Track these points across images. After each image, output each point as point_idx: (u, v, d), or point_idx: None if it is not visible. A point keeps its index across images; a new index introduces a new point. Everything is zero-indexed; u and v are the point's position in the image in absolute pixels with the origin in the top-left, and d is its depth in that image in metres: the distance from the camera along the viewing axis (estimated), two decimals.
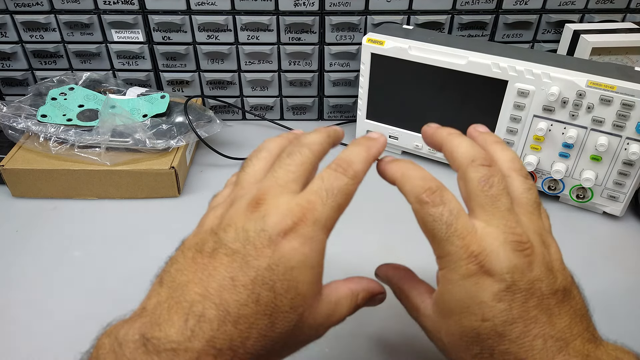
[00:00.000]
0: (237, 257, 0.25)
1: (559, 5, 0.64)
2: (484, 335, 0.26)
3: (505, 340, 0.26)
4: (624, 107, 0.49)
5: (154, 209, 0.57)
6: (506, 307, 0.26)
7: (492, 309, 0.26)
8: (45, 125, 0.57)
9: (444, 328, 0.29)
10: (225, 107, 0.73)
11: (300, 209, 0.27)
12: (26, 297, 0.46)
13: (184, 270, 0.27)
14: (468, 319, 0.27)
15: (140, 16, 0.65)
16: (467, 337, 0.27)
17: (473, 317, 0.27)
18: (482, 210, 0.28)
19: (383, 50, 0.58)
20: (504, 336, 0.26)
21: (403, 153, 0.66)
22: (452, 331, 0.28)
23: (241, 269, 0.25)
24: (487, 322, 0.26)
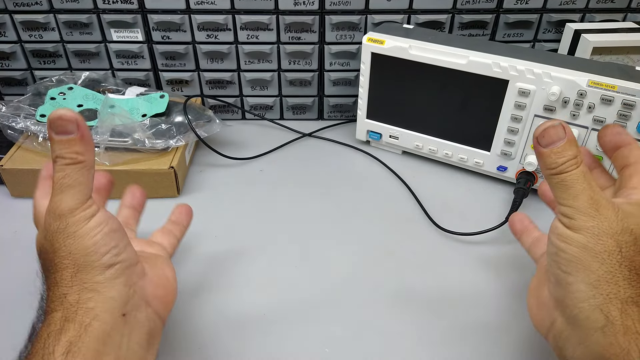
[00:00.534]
0: None
1: (559, 4, 0.64)
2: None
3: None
4: (625, 107, 0.49)
5: (153, 209, 0.57)
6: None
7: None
8: (44, 125, 0.57)
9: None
10: (225, 107, 0.73)
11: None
12: (26, 298, 0.46)
13: None
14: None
15: (139, 15, 0.64)
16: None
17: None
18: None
19: (383, 50, 0.58)
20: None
21: (403, 153, 0.66)
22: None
23: None
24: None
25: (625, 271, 0.30)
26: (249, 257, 0.51)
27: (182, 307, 0.45)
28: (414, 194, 0.59)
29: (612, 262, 0.30)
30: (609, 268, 0.30)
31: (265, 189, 0.60)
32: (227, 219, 0.55)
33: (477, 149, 0.59)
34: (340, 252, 0.51)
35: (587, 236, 0.31)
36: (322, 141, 0.69)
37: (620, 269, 0.30)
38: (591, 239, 0.31)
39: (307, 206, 0.58)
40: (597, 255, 0.30)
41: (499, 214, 0.55)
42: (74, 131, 0.30)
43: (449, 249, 0.51)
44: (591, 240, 0.31)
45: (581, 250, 0.31)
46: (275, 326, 0.44)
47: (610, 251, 0.30)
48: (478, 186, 0.61)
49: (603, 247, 0.30)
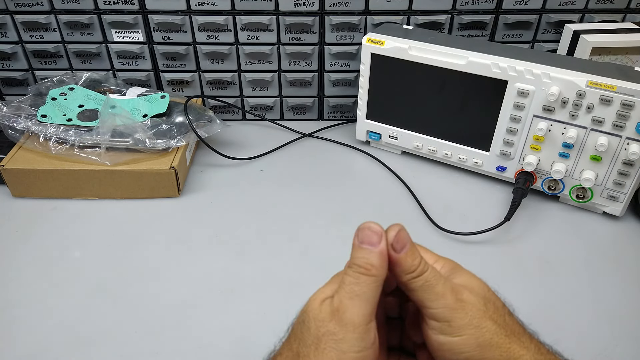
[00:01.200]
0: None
1: (558, 5, 0.64)
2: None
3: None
4: (623, 107, 0.49)
5: (154, 209, 0.57)
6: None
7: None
8: (45, 125, 0.57)
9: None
10: (225, 107, 0.73)
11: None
12: (26, 297, 0.46)
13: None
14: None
15: (140, 16, 0.65)
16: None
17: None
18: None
19: (383, 51, 0.58)
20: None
21: (403, 153, 0.66)
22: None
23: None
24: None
25: (510, 337, 0.30)
26: (249, 257, 0.51)
27: (182, 306, 0.45)
28: (413, 194, 0.59)
29: (501, 339, 0.30)
30: (504, 348, 0.30)
31: (265, 189, 0.61)
32: (227, 219, 0.56)
33: (476, 149, 0.59)
34: (341, 251, 0.51)
35: (473, 331, 0.30)
36: (322, 141, 0.69)
37: (511, 340, 0.30)
38: (477, 332, 0.30)
39: (307, 206, 0.58)
40: (490, 343, 0.30)
41: (498, 214, 0.55)
42: (376, 244, 0.31)
43: (448, 249, 0.52)
44: (477, 334, 0.30)
45: (477, 350, 0.30)
46: (276, 326, 0.44)
47: (493, 330, 0.30)
48: (477, 186, 0.61)
49: (489, 333, 0.30)
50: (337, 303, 0.30)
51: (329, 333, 0.29)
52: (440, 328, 0.31)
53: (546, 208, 0.58)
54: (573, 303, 0.47)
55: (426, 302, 0.31)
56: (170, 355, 0.41)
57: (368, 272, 0.30)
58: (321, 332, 0.29)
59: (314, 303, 0.30)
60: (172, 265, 0.50)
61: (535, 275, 0.49)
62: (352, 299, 0.29)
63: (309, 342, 0.29)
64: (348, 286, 0.30)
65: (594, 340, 0.43)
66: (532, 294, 0.47)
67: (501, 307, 0.32)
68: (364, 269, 0.30)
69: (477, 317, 0.30)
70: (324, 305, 0.30)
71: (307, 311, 0.30)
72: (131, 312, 0.45)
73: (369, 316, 0.29)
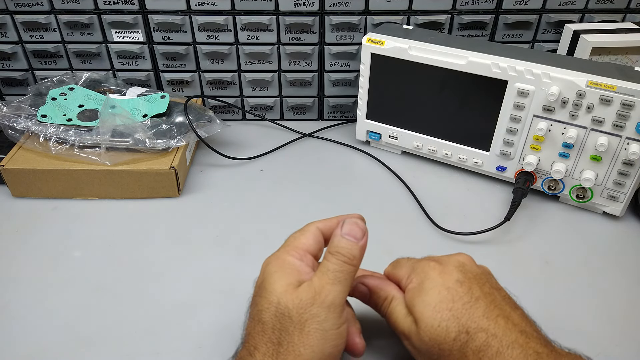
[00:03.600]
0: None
1: (558, 5, 0.64)
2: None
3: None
4: (623, 107, 0.49)
5: (154, 209, 0.57)
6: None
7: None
8: (45, 125, 0.57)
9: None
10: (225, 107, 0.73)
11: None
12: (26, 297, 0.46)
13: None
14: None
15: (140, 16, 0.65)
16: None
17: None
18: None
19: (383, 51, 0.58)
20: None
21: (403, 153, 0.66)
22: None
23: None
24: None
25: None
26: (249, 257, 0.51)
27: (182, 306, 0.45)
28: (413, 194, 0.59)
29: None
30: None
31: (265, 189, 0.61)
32: (227, 219, 0.56)
33: (476, 149, 0.59)
34: None
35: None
36: (322, 141, 0.69)
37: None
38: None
39: (307, 206, 0.58)
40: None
41: (498, 214, 0.55)
42: (360, 239, 0.34)
43: (448, 249, 0.52)
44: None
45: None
46: None
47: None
48: (477, 186, 0.61)
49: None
50: (319, 288, 0.32)
51: (313, 316, 0.32)
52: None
53: (546, 208, 0.58)
54: (573, 303, 0.47)
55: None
56: (170, 355, 0.41)
57: (350, 262, 0.34)
58: (304, 317, 0.32)
59: (285, 295, 0.32)
60: (172, 265, 0.50)
61: (535, 275, 0.49)
62: (335, 284, 0.33)
63: (292, 329, 0.31)
64: (332, 273, 0.33)
65: (594, 340, 0.43)
66: (532, 294, 0.47)
67: (448, 347, 0.33)
68: (348, 258, 0.34)
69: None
70: (301, 292, 0.32)
71: (282, 303, 0.32)
72: (131, 312, 0.45)
73: (345, 297, 0.34)
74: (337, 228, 0.35)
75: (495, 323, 0.32)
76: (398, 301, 0.37)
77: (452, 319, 0.33)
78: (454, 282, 0.34)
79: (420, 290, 0.35)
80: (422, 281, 0.36)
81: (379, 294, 0.38)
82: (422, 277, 0.36)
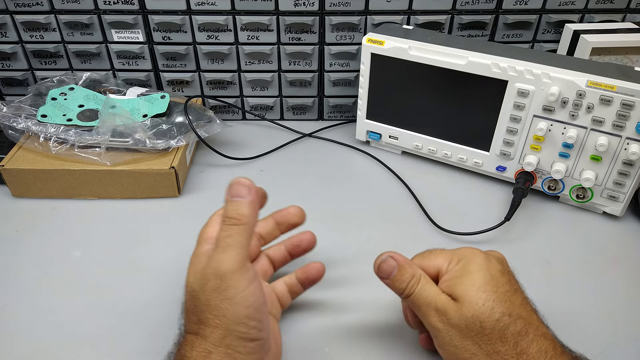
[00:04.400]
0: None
1: (558, 5, 0.64)
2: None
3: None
4: (623, 107, 0.49)
5: (154, 209, 0.57)
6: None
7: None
8: (45, 125, 0.57)
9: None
10: (225, 107, 0.73)
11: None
12: (26, 297, 0.46)
13: None
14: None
15: (140, 16, 0.65)
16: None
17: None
18: None
19: (383, 50, 0.58)
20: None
21: (403, 153, 0.66)
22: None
23: None
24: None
25: (491, 355, 0.33)
26: None
27: None
28: (413, 194, 0.59)
29: (479, 358, 0.33)
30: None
31: (265, 189, 0.60)
32: None
33: (476, 149, 0.59)
34: (340, 251, 0.51)
35: (452, 349, 0.34)
36: (322, 141, 0.69)
37: (488, 357, 0.33)
38: (456, 351, 0.34)
39: (307, 206, 0.57)
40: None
41: (498, 214, 0.55)
42: (246, 195, 0.34)
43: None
44: (457, 352, 0.34)
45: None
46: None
47: (473, 351, 0.34)
48: (477, 186, 0.61)
49: (468, 353, 0.34)
50: (212, 260, 0.33)
51: (214, 289, 0.32)
52: (432, 338, 0.36)
53: (546, 208, 0.58)
54: (573, 303, 0.47)
55: (418, 316, 0.37)
56: None
57: (239, 221, 0.34)
58: (207, 292, 0.32)
59: (192, 278, 0.34)
60: (172, 265, 0.50)
61: (535, 275, 0.49)
62: (226, 250, 0.33)
63: (202, 307, 0.33)
64: (221, 241, 0.33)
65: (594, 340, 0.43)
66: (532, 294, 0.47)
67: (490, 326, 0.33)
68: (235, 219, 0.34)
69: (457, 338, 0.34)
70: (202, 271, 0.34)
71: (190, 286, 0.34)
72: (131, 312, 0.45)
73: (243, 260, 0.33)
74: (225, 195, 0.35)
75: (530, 315, 0.35)
76: (427, 279, 0.37)
77: (497, 301, 0.34)
78: (497, 271, 0.36)
79: (465, 272, 0.36)
80: (467, 264, 0.36)
81: (408, 270, 0.37)
82: (467, 260, 0.37)
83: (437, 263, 0.38)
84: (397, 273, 0.37)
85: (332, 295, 0.47)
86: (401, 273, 0.37)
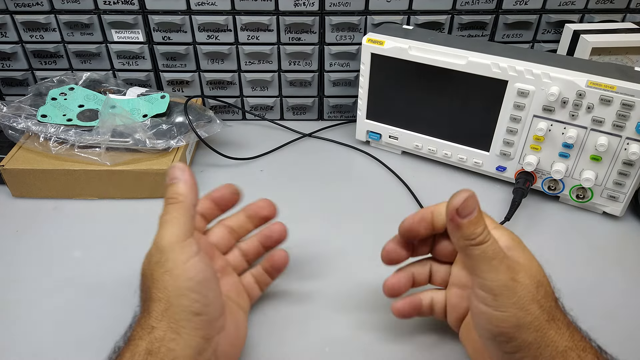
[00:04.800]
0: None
1: (558, 5, 0.64)
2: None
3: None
4: (623, 107, 0.49)
5: (154, 209, 0.57)
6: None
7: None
8: (45, 125, 0.57)
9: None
10: (225, 107, 0.73)
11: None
12: (26, 297, 0.46)
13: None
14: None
15: (140, 16, 0.65)
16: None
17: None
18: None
19: (383, 51, 0.58)
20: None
21: (403, 153, 0.66)
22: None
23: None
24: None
25: (550, 322, 0.32)
26: None
27: None
28: (413, 194, 0.59)
29: (541, 324, 0.32)
30: (541, 332, 0.32)
31: (265, 189, 0.60)
32: None
33: (476, 149, 0.59)
34: (340, 251, 0.51)
35: (516, 311, 0.32)
36: (322, 141, 0.69)
37: (550, 325, 0.32)
38: (520, 313, 0.32)
39: (307, 206, 0.58)
40: (529, 326, 0.32)
41: (498, 214, 0.55)
42: (180, 177, 0.36)
43: None
44: (520, 315, 0.32)
45: (515, 329, 0.32)
46: (275, 326, 0.44)
47: (536, 314, 0.32)
48: (477, 186, 0.61)
49: (531, 316, 0.32)
50: (154, 239, 0.35)
51: (155, 263, 0.34)
52: (485, 299, 0.32)
53: (546, 208, 0.58)
54: (573, 303, 0.46)
55: (478, 271, 0.33)
56: None
57: (176, 200, 0.35)
58: (151, 267, 0.34)
59: (143, 263, 0.36)
60: None
61: None
62: (164, 227, 0.35)
63: (149, 283, 0.34)
64: (161, 218, 0.35)
65: (594, 340, 0.43)
66: None
67: (551, 292, 0.34)
68: (172, 198, 0.36)
69: (526, 299, 0.32)
70: (147, 253, 0.36)
71: (142, 269, 0.36)
72: (131, 312, 0.45)
73: (184, 233, 0.34)
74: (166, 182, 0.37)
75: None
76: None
77: (549, 278, 0.35)
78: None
79: (521, 244, 0.36)
80: (518, 240, 0.36)
81: (483, 216, 0.33)
82: (515, 236, 0.36)
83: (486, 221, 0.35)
84: (477, 214, 0.33)
85: (332, 295, 0.47)
86: (479, 217, 0.33)
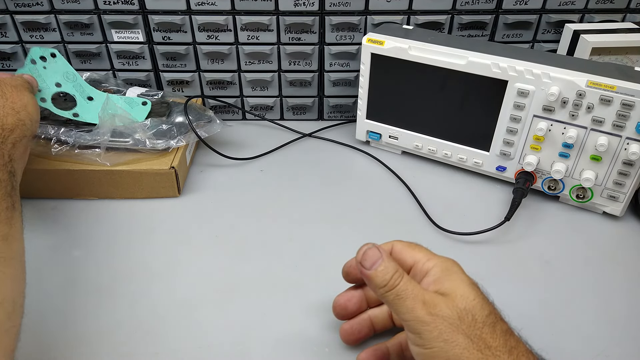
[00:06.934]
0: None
1: (558, 5, 0.64)
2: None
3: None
4: (623, 107, 0.49)
5: (154, 209, 0.57)
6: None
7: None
8: (45, 126, 0.57)
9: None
10: (225, 107, 0.73)
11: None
12: (26, 297, 0.46)
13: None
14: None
15: (140, 16, 0.65)
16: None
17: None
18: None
19: (383, 51, 0.58)
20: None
21: (403, 153, 0.66)
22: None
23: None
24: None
25: (483, 351, 0.32)
26: (249, 257, 0.51)
27: (182, 306, 0.45)
28: (413, 194, 0.59)
29: (472, 354, 0.32)
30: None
31: (265, 189, 0.61)
32: (227, 219, 0.56)
33: (476, 149, 0.59)
34: (340, 251, 0.51)
35: (442, 344, 0.32)
36: (322, 141, 0.69)
37: (484, 355, 0.32)
38: (446, 347, 0.32)
39: (307, 206, 0.58)
40: (461, 357, 0.32)
41: (498, 214, 0.55)
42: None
43: (448, 249, 0.52)
44: (447, 348, 0.32)
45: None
46: (275, 326, 0.44)
47: (464, 345, 0.32)
48: (477, 186, 0.61)
49: (460, 347, 0.32)
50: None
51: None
52: (414, 339, 0.34)
53: (546, 208, 0.58)
54: (573, 303, 0.47)
55: (399, 314, 0.34)
56: (170, 355, 0.41)
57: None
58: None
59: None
60: (172, 265, 0.50)
61: (535, 275, 0.49)
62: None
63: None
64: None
65: (594, 340, 0.43)
66: (532, 294, 0.47)
67: (481, 320, 0.33)
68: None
69: (447, 331, 0.32)
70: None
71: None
72: (131, 312, 0.45)
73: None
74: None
75: (503, 321, 0.34)
76: (408, 276, 0.35)
77: (484, 300, 0.34)
78: (472, 281, 0.36)
79: (451, 271, 0.36)
80: (452, 265, 0.36)
81: (392, 263, 0.35)
82: (450, 263, 0.37)
83: (417, 257, 0.37)
84: (382, 264, 0.35)
85: (332, 295, 0.47)
86: (386, 265, 0.35)
